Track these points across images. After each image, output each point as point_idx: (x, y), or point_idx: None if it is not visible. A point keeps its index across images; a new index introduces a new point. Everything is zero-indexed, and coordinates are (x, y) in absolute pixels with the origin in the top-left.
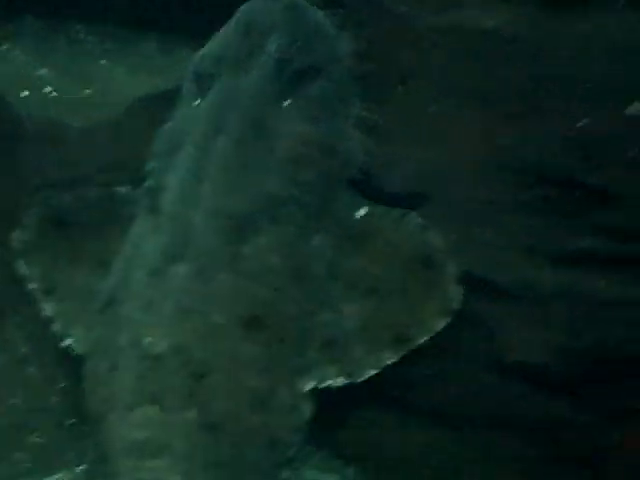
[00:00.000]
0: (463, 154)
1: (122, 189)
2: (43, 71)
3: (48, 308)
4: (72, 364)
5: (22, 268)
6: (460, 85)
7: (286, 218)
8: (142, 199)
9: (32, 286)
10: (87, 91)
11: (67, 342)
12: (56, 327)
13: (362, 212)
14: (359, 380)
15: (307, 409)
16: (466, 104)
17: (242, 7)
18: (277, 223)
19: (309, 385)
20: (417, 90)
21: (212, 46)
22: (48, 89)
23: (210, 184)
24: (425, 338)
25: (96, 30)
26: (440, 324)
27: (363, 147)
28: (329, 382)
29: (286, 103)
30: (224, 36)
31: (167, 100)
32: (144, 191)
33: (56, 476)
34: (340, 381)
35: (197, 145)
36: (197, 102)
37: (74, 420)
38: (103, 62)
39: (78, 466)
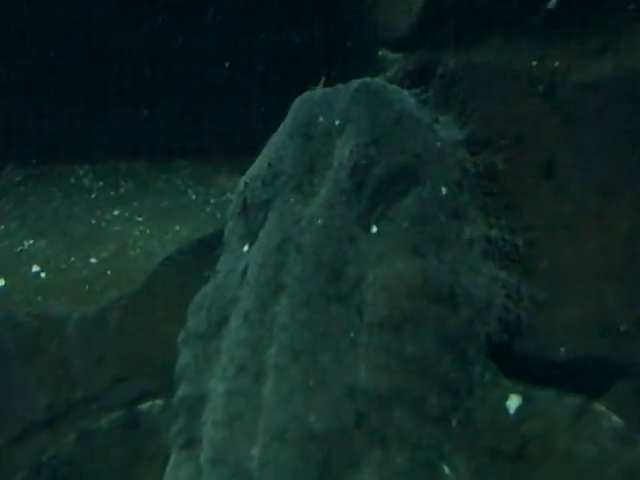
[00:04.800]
0: None
1: (149, 407)
2: (29, 243)
3: None
4: None
5: None
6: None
7: (394, 431)
8: (175, 419)
9: None
10: (92, 260)
11: None
12: None
13: (514, 403)
14: None
15: None
16: None
17: (296, 101)
18: (381, 443)
19: None
20: (573, 183)
21: (261, 163)
22: (35, 269)
23: (272, 384)
24: None
25: (104, 171)
26: None
27: (502, 287)
28: None
29: (373, 231)
30: (276, 146)
31: (206, 253)
32: (177, 405)
33: None
34: None
35: (248, 317)
36: (245, 248)
37: None
38: (115, 213)
39: None
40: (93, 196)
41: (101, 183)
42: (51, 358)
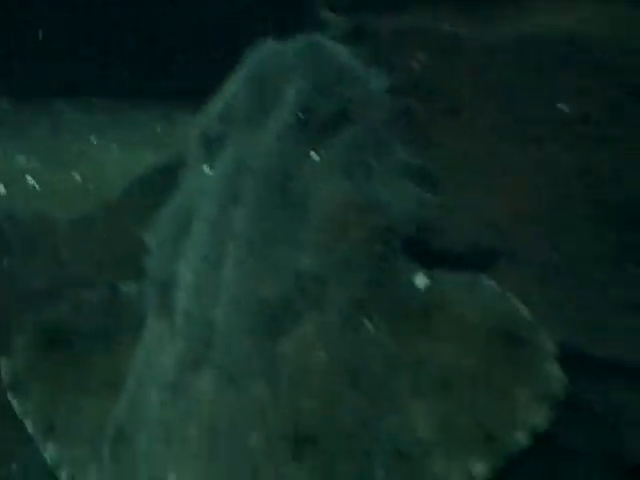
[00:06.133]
0: (534, 197)
1: (126, 287)
2: (22, 159)
3: (51, 452)
4: None
5: (15, 405)
6: (525, 110)
7: (329, 300)
8: (150, 295)
9: (29, 426)
10: (76, 177)
11: None
12: (62, 474)
13: (422, 282)
14: None
15: None
16: (534, 133)
17: (250, 51)
18: (319, 307)
19: None
20: (472, 123)
21: (219, 102)
22: (30, 180)
23: (231, 267)
24: (525, 440)
25: (81, 105)
26: (542, 420)
27: (416, 198)
28: None
29: (314, 159)
30: (232, 89)
31: (171, 175)
32: (151, 285)
33: None
34: None
35: (209, 221)
36: (206, 170)
37: None
38: (92, 140)
39: None
40: (74, 126)
41: (79, 115)
42: (47, 249)
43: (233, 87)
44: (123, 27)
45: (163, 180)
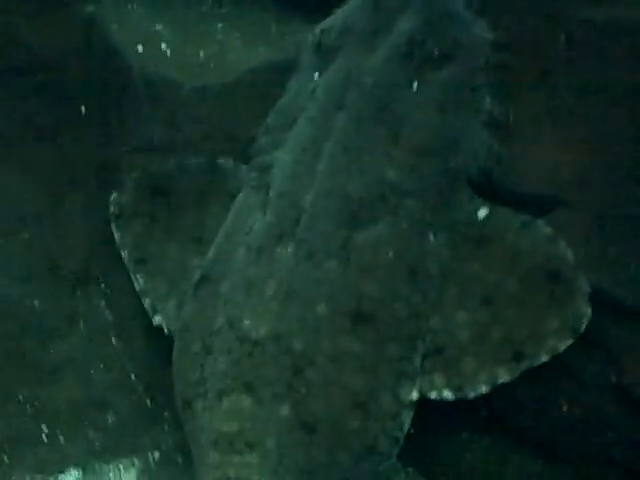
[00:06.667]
0: (596, 156)
1: (226, 161)
2: (159, 27)
3: (139, 279)
4: (159, 341)
5: (116, 233)
6: (608, 84)
7: (403, 210)
8: (248, 174)
9: (124, 254)
10: (201, 53)
11: (157, 318)
12: (146, 301)
13: (483, 213)
14: (469, 397)
15: (407, 419)
16: (614, 103)
17: None
18: (394, 214)
19: (413, 393)
20: (558, 87)
21: (337, 19)
22: (163, 46)
23: (326, 162)
24: (545, 359)
25: None
26: (563, 344)
27: (488, 147)
28: (435, 393)
29: (414, 87)
30: (351, 10)
31: (281, 72)
32: (251, 166)
33: (127, 460)
34: (447, 394)
35: (314, 120)
36: (316, 75)
37: (153, 401)
38: (219, 26)
39: (152, 452)
40: (204, 9)
41: (209, 2)
42: (173, 108)
43: (351, 7)
44: None
45: (274, 75)
